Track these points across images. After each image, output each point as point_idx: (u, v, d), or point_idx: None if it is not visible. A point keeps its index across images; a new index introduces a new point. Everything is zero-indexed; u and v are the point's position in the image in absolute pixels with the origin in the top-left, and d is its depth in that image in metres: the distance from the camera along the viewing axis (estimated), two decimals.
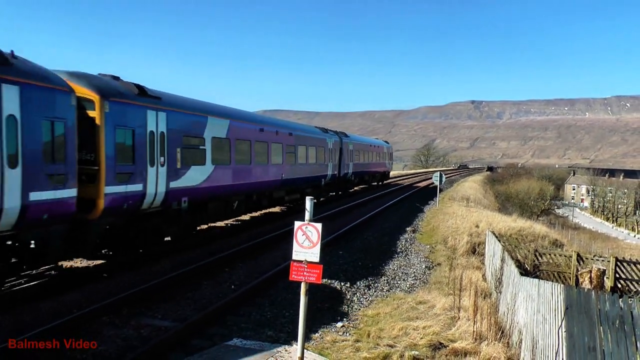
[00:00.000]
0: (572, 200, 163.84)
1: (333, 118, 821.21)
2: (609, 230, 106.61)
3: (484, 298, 14.14)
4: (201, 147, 17.39)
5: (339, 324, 11.56)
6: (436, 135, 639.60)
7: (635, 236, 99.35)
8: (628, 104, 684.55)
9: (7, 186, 10.47)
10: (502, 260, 14.34)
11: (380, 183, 51.75)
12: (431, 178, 42.35)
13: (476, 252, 22.27)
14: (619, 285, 17.79)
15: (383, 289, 15.09)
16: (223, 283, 14.04)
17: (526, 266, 19.61)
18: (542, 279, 14.43)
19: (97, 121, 12.95)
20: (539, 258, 19.91)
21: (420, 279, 16.75)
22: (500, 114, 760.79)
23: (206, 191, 17.82)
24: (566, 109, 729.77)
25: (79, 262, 15.39)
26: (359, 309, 12.88)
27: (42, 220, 11.36)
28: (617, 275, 17.85)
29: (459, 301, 12.87)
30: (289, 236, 18.84)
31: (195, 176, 17.02)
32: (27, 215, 10.93)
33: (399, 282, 16.03)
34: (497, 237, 18.31)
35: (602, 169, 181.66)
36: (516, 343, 10.61)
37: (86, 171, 12.85)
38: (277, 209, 28.38)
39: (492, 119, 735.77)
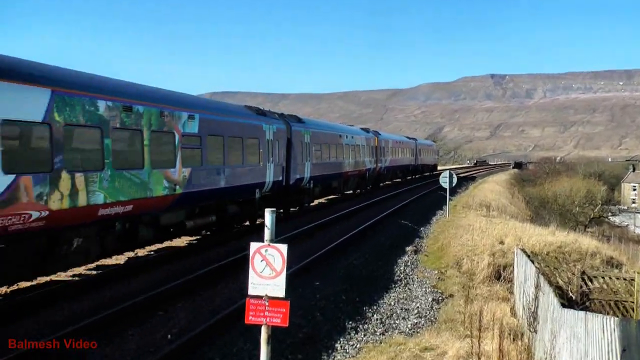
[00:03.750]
0: (633, 205, 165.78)
1: (305, 101, 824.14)
2: None
3: (514, 340, 14.22)
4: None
5: None
6: (444, 122, 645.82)
7: None
8: None
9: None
10: (537, 287, 14.43)
11: (431, 173, 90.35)
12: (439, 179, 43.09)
13: (501, 277, 22.43)
14: None
15: (376, 331, 15.10)
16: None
17: (570, 294, 19.77)
18: (593, 311, 14.53)
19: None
20: (588, 283, 20.07)
21: (425, 316, 16.79)
22: (531, 92, 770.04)
23: (386, 168, 62.35)
24: (621, 83, 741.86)
25: None
26: None
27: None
28: None
29: (479, 346, 12.90)
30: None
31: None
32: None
33: (397, 322, 16.05)
34: (529, 256, 18.43)
35: None
36: None
37: None
38: (390, 182, 65.89)
39: (520, 99, 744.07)
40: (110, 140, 18.02)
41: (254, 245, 8.97)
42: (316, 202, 42.60)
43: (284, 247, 8.92)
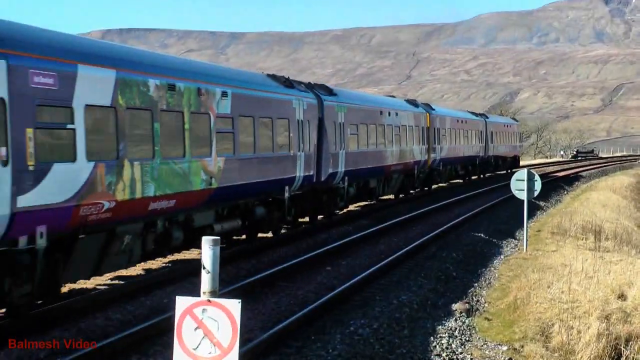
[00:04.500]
0: None
1: (272, 45, 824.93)
2: None
3: None
4: None
5: None
6: (520, 82, 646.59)
7: None
8: None
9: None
10: None
11: (509, 171, 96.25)
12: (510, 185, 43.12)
13: (622, 359, 22.49)
14: None
15: None
16: None
17: None
18: None
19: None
20: None
21: None
22: None
23: (442, 162, 72.55)
24: None
25: None
26: None
27: None
28: None
29: None
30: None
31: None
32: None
33: None
34: None
35: None
36: None
37: None
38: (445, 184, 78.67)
39: None
40: (158, 124, 25.46)
41: (182, 302, 9.06)
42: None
43: (235, 305, 8.99)
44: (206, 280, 8.97)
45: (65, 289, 25.91)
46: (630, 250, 42.04)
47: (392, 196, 62.26)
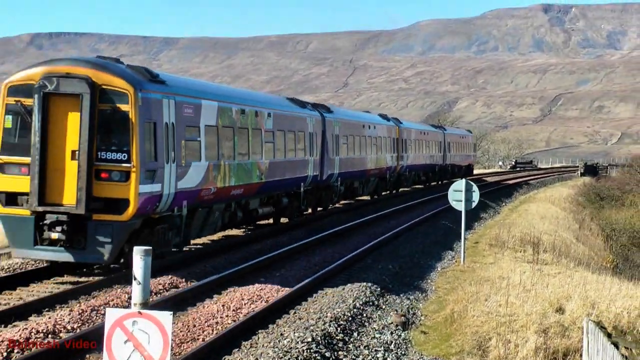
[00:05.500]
0: None
1: (207, 51, 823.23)
2: None
3: None
4: None
5: None
6: (459, 91, 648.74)
7: None
8: None
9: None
10: None
11: (464, 178, 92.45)
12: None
13: None
14: None
15: None
16: None
17: None
18: None
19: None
20: None
21: None
22: (616, 37, 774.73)
23: (408, 168, 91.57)
24: None
25: None
26: None
27: None
28: None
29: None
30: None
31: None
32: None
33: None
34: (610, 335, 18.58)
35: None
36: None
37: None
38: (408, 189, 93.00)
39: (597, 49, 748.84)
40: (236, 137, 39.20)
41: (112, 314, 9.00)
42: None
43: (166, 317, 8.96)
44: (137, 292, 8.90)
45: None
46: (568, 262, 42.19)
47: (367, 197, 75.41)
